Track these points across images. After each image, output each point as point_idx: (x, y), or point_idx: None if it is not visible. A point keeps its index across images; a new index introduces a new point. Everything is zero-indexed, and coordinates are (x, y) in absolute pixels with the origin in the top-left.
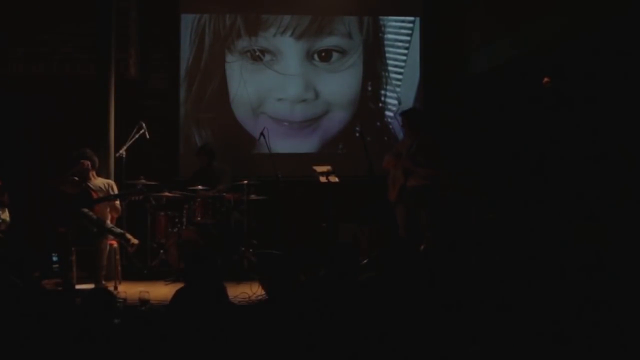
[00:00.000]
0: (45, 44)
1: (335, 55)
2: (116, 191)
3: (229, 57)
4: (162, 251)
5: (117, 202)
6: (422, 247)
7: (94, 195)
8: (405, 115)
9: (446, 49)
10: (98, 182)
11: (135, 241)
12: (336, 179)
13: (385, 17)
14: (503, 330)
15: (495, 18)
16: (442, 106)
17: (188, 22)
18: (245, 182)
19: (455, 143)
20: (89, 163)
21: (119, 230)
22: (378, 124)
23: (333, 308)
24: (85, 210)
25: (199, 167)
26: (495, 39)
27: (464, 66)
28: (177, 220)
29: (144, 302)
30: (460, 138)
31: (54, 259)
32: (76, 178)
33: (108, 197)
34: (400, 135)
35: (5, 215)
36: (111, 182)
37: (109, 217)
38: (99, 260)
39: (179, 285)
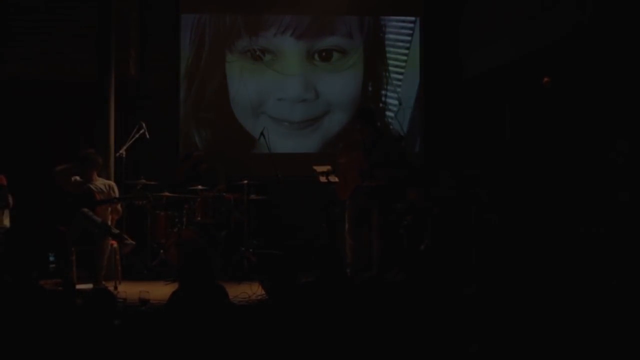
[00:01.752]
0: (45, 44)
1: (335, 55)
2: (117, 193)
3: (229, 57)
4: (162, 251)
5: (118, 205)
6: (422, 246)
7: (97, 197)
8: (364, 114)
9: (446, 49)
10: (99, 183)
11: (131, 242)
12: (336, 179)
13: (386, 17)
14: (503, 330)
15: (495, 18)
16: (442, 106)
17: (188, 22)
18: (245, 182)
19: (455, 143)
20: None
21: (116, 230)
22: (378, 124)
23: (331, 308)
24: (86, 210)
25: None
26: (495, 38)
27: (465, 66)
28: (177, 220)
29: (144, 302)
30: (460, 138)
31: (51, 258)
32: (78, 178)
33: (111, 200)
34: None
35: (7, 221)
36: (112, 183)
37: (109, 218)
38: (100, 261)
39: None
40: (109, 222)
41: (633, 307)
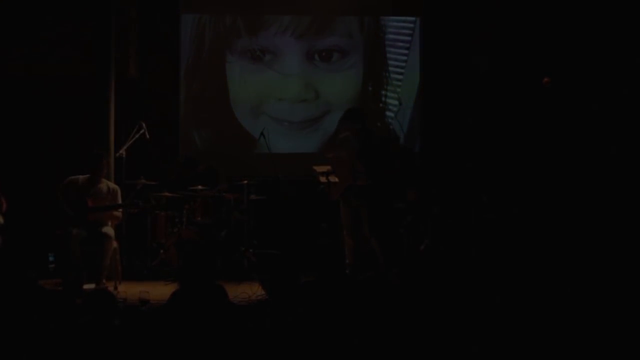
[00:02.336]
0: (44, 43)
1: (335, 55)
2: (119, 197)
3: (229, 57)
4: (162, 251)
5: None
6: (422, 246)
7: (89, 204)
8: (350, 114)
9: (446, 49)
10: (103, 186)
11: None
12: (336, 179)
13: (386, 17)
14: (503, 330)
15: (495, 18)
16: (442, 106)
17: (188, 22)
18: (245, 182)
19: (455, 143)
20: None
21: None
22: (378, 124)
23: (331, 308)
24: (76, 233)
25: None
26: (495, 38)
27: (464, 66)
28: (177, 220)
29: (144, 302)
30: (460, 138)
31: (51, 258)
32: (81, 177)
33: (105, 208)
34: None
35: (1, 218)
36: (116, 187)
37: (109, 222)
38: (103, 261)
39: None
40: (109, 225)
41: (632, 306)
